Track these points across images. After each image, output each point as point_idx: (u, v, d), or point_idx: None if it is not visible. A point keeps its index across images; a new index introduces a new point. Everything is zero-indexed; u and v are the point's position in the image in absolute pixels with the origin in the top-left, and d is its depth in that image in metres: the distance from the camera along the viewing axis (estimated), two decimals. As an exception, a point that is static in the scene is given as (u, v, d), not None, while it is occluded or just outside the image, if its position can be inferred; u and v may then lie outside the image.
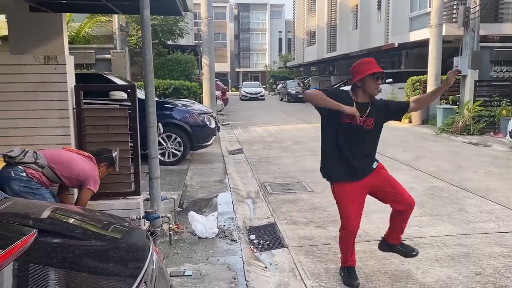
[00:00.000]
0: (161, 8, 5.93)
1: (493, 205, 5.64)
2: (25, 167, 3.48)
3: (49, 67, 4.28)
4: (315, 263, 3.98)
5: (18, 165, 3.48)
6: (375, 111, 3.38)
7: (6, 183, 3.41)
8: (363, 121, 3.34)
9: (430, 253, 4.13)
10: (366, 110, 3.34)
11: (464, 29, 13.00)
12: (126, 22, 15.25)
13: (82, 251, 1.76)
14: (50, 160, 3.60)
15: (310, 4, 38.92)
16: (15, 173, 3.43)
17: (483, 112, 12.48)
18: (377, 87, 3.33)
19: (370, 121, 3.36)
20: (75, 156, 3.74)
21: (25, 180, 3.44)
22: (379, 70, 3.28)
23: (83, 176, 3.65)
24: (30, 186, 3.44)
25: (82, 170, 3.66)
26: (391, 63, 24.22)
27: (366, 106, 3.35)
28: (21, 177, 3.43)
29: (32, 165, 3.51)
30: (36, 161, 3.53)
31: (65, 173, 3.62)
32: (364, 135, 3.38)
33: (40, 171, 3.53)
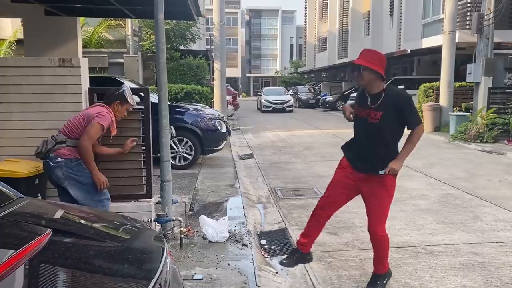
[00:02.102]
0: (175, 13, 5.98)
1: (508, 213, 5.54)
2: (54, 151, 3.64)
3: (64, 70, 4.33)
4: (327, 269, 3.93)
5: (49, 154, 3.65)
6: (385, 105, 3.25)
7: (52, 173, 3.66)
8: (367, 113, 3.31)
9: (444, 261, 4.06)
10: (371, 102, 3.30)
11: (478, 36, 12.87)
12: (139, 26, 15.39)
13: (96, 251, 1.75)
14: (65, 131, 3.74)
15: (322, 10, 38.94)
16: (53, 162, 3.63)
17: (497, 120, 12.31)
18: (355, 77, 3.37)
19: (376, 114, 3.25)
20: (81, 113, 3.81)
21: (64, 163, 3.63)
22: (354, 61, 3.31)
23: (88, 118, 3.67)
24: (71, 168, 3.64)
25: (87, 114, 3.71)
26: (403, 70, 24.10)
27: (372, 98, 3.31)
28: (59, 163, 3.63)
29: (56, 146, 3.65)
30: (56, 142, 3.67)
31: (79, 130, 3.70)
32: (370, 129, 3.30)
33: (65, 146, 3.67)
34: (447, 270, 3.86)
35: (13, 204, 2.04)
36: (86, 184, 3.68)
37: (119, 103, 3.91)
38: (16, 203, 2.07)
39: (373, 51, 3.42)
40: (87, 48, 13.58)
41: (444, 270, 3.88)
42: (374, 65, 3.23)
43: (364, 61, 3.24)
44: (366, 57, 3.27)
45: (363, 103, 3.39)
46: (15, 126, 4.33)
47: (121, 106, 3.93)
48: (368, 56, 3.28)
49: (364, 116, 3.34)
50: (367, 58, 3.26)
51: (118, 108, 3.92)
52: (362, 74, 3.27)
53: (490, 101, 12.71)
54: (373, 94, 3.31)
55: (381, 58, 3.34)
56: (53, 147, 3.65)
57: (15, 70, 4.30)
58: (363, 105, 3.38)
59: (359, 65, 3.26)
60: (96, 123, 3.63)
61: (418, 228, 5.00)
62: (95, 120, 3.64)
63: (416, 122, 3.30)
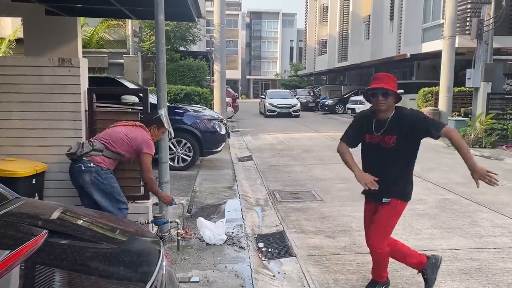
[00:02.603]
0: (175, 14, 5.97)
1: (505, 219, 5.53)
2: (89, 156, 3.75)
3: (64, 69, 4.31)
4: (324, 273, 3.92)
5: (83, 158, 3.74)
6: (397, 127, 3.18)
7: (80, 176, 3.74)
8: (379, 139, 3.23)
9: (441, 266, 4.05)
10: (383, 127, 3.22)
11: (477, 41, 12.90)
12: (139, 27, 15.40)
13: (92, 253, 1.74)
14: (104, 141, 3.83)
15: (322, 14, 39.02)
16: (84, 165, 3.73)
17: (496, 125, 12.33)
18: (377, 103, 3.17)
19: (390, 139, 3.19)
20: (122, 129, 3.92)
21: (95, 170, 3.74)
22: (374, 86, 3.15)
23: (135, 144, 3.86)
24: (100, 175, 3.75)
25: (132, 139, 3.86)
26: (402, 74, 24.13)
27: (384, 123, 3.23)
28: (90, 168, 3.73)
29: (92, 152, 3.76)
30: (94, 148, 3.77)
31: (120, 147, 3.84)
32: (384, 154, 3.22)
33: (101, 155, 3.79)
34: (445, 275, 3.86)
35: (9, 204, 2.03)
36: (109, 193, 3.82)
37: (155, 127, 4.13)
38: (12, 203, 2.06)
39: (389, 75, 3.33)
40: (87, 48, 13.58)
41: (441, 275, 3.86)
42: (396, 89, 3.18)
43: (389, 86, 3.15)
44: (387, 82, 3.18)
45: (370, 130, 3.29)
46: (14, 125, 4.31)
47: (157, 130, 4.15)
48: (389, 81, 3.20)
49: (377, 142, 3.25)
50: (389, 82, 3.18)
51: (155, 131, 4.14)
52: (387, 100, 3.16)
53: (489, 107, 12.72)
54: (383, 119, 3.23)
55: (396, 81, 3.30)
56: (89, 152, 3.75)
57: (15, 69, 4.28)
58: (370, 131, 3.29)
59: (378, 89, 3.14)
60: (147, 154, 3.86)
61: (415, 233, 4.99)
62: (145, 151, 3.84)
63: (440, 125, 3.15)
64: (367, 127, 3.33)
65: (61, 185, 4.35)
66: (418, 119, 3.19)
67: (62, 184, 4.33)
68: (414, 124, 3.17)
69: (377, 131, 3.26)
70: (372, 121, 3.30)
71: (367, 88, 3.22)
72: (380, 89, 3.15)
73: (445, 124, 3.26)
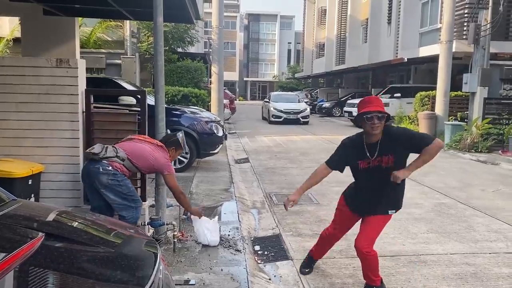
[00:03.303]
0: (174, 16, 5.96)
1: (501, 224, 5.56)
2: (110, 161, 3.78)
3: (61, 70, 4.31)
4: (320, 276, 3.93)
5: (103, 160, 3.77)
6: (389, 146, 3.22)
7: (96, 177, 3.75)
8: (379, 161, 3.25)
9: (437, 271, 4.07)
10: (376, 148, 3.25)
11: (474, 46, 12.96)
12: (137, 28, 15.38)
13: (89, 257, 1.74)
14: (128, 152, 3.88)
15: (320, 17, 39.08)
16: (103, 167, 3.75)
17: (492, 130, 12.39)
18: (372, 126, 3.16)
19: (388, 159, 3.22)
20: (147, 148, 3.97)
21: (112, 173, 3.77)
22: (370, 110, 3.14)
23: (157, 165, 3.97)
24: (116, 179, 3.78)
25: (155, 159, 3.95)
26: (399, 78, 24.20)
27: (376, 145, 3.26)
28: (108, 171, 3.75)
29: (115, 158, 3.81)
30: (117, 155, 3.81)
31: (142, 163, 3.94)
32: (386, 174, 3.24)
33: (121, 163, 3.84)
34: (440, 280, 3.87)
35: (5, 206, 2.02)
36: (125, 194, 3.84)
37: (174, 149, 4.23)
38: (8, 205, 2.05)
39: (378, 97, 3.42)
40: (85, 48, 13.54)
41: (437, 280, 3.88)
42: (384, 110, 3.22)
43: (382, 109, 3.17)
44: (380, 105, 3.20)
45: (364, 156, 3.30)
46: (10, 125, 4.30)
47: (175, 151, 4.26)
48: (380, 104, 3.23)
49: (376, 165, 3.26)
50: (381, 105, 3.22)
51: (173, 153, 4.25)
52: (381, 123, 3.17)
53: (485, 111, 12.78)
54: (375, 142, 3.25)
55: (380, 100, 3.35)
56: (112, 157, 3.80)
57: (12, 69, 4.27)
58: (365, 157, 3.30)
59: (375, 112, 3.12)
60: (170, 175, 4.02)
61: (411, 237, 5.00)
62: (167, 173, 4.00)
63: (430, 138, 3.22)
64: (358, 154, 3.33)
65: (58, 186, 4.34)
66: (408, 134, 3.31)
67: (59, 185, 4.32)
68: (407, 139, 3.24)
69: (372, 154, 3.27)
70: (363, 147, 3.30)
71: (363, 111, 3.18)
72: (377, 112, 3.14)
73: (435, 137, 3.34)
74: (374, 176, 3.31)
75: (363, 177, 3.39)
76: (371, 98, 3.34)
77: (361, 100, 3.35)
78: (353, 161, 3.37)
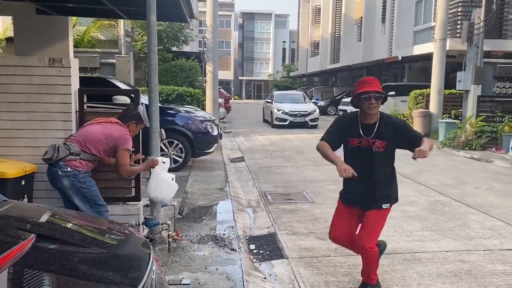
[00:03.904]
0: (167, 15, 5.94)
1: (495, 221, 5.58)
2: (65, 161, 3.66)
3: (54, 70, 4.27)
4: (315, 275, 3.93)
5: (59, 162, 3.66)
6: (385, 133, 3.23)
7: (58, 181, 3.68)
8: (371, 142, 3.25)
9: (432, 268, 4.08)
10: (373, 131, 3.25)
11: (468, 44, 13.01)
12: (131, 27, 15.31)
13: (81, 258, 1.72)
14: (80, 142, 3.74)
15: (315, 15, 39.11)
16: (61, 170, 3.65)
17: (486, 128, 12.45)
18: (370, 107, 3.18)
19: (381, 143, 3.23)
20: (99, 129, 3.82)
21: (72, 174, 3.66)
22: (367, 90, 3.15)
23: (112, 142, 3.77)
24: (78, 179, 3.68)
25: (109, 136, 3.77)
26: (394, 76, 24.26)
27: (372, 127, 3.26)
28: (67, 173, 3.65)
29: (69, 156, 3.67)
30: (70, 152, 3.68)
31: (97, 147, 3.75)
32: (374, 158, 3.25)
33: (78, 158, 3.70)
34: (435, 278, 3.88)
35: (-4, 207, 2.00)
36: (88, 197, 3.76)
37: (134, 123, 4.05)
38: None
39: (376, 78, 3.38)
40: (79, 47, 13.46)
41: (432, 277, 3.89)
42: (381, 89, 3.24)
43: (380, 89, 3.19)
44: (377, 85, 3.22)
45: (357, 134, 3.30)
46: (2, 125, 4.26)
47: (136, 126, 4.08)
48: (378, 84, 3.24)
49: (367, 146, 3.26)
50: (378, 85, 3.23)
51: (133, 127, 4.06)
52: (379, 103, 3.19)
53: (479, 109, 12.85)
54: (371, 123, 3.27)
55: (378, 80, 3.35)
56: (66, 156, 3.67)
57: (4, 69, 4.23)
58: (358, 135, 3.30)
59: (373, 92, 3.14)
60: (124, 150, 3.77)
61: (406, 235, 5.02)
62: (123, 147, 3.76)
63: (421, 135, 3.26)
64: (353, 131, 3.33)
65: (51, 186, 4.29)
66: (405, 127, 3.32)
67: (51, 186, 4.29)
68: (402, 130, 3.27)
69: (367, 135, 3.27)
70: (358, 125, 3.31)
71: (361, 91, 3.19)
72: (374, 92, 3.17)
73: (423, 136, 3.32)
74: (362, 157, 3.28)
75: (354, 158, 3.32)
76: (368, 78, 3.33)
77: (359, 80, 3.34)
78: (345, 138, 3.37)
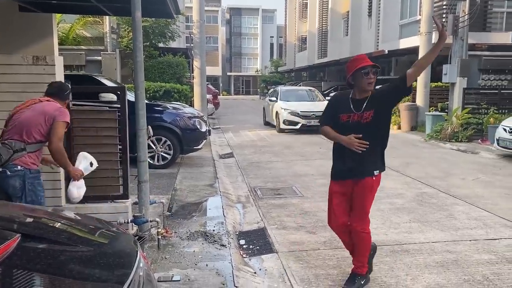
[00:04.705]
0: (153, 11, 5.88)
1: (481, 212, 5.68)
2: (13, 160, 3.39)
3: (38, 68, 4.22)
4: (305, 268, 3.96)
5: (7, 163, 3.38)
6: (374, 102, 3.30)
7: (8, 183, 3.39)
8: (359, 116, 3.31)
9: (419, 259, 4.14)
10: (363, 105, 3.32)
11: (453, 37, 13.15)
12: (117, 24, 15.15)
13: (67, 256, 1.71)
14: (21, 136, 3.45)
15: (302, 10, 39.12)
16: (11, 170, 3.38)
17: (471, 120, 12.62)
18: (369, 81, 3.26)
19: (368, 114, 3.29)
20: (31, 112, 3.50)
21: (22, 173, 3.41)
22: (367, 64, 3.23)
23: (48, 118, 3.47)
24: (28, 177, 3.42)
25: (43, 114, 3.48)
26: (381, 70, 24.34)
27: (363, 102, 3.34)
28: (18, 172, 3.40)
29: (14, 155, 3.40)
30: (14, 150, 3.41)
31: (41, 131, 3.47)
32: (362, 130, 3.31)
33: (25, 153, 3.44)
34: (422, 268, 3.94)
35: (-19, 207, 1.98)
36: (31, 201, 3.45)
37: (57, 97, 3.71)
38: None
39: (364, 55, 3.44)
40: (64, 45, 13.29)
41: (419, 268, 3.95)
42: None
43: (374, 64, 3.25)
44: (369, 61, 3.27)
45: (347, 109, 3.37)
46: (-14, 125, 4.19)
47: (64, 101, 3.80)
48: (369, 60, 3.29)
49: (356, 120, 3.32)
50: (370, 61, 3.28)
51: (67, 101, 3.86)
52: (375, 78, 3.26)
53: (465, 101, 13.01)
54: (362, 98, 3.34)
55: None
56: (11, 156, 3.37)
57: (-14, 67, 4.17)
58: (348, 111, 3.36)
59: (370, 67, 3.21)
60: (62, 122, 3.49)
61: (394, 227, 5.08)
62: (59, 119, 3.48)
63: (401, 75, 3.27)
64: (343, 107, 3.41)
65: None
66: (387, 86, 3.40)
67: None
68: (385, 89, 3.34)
69: (357, 109, 3.34)
70: (349, 101, 3.39)
71: (360, 67, 3.23)
72: (372, 66, 3.24)
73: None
74: (351, 131, 3.33)
75: (340, 133, 3.38)
76: (360, 56, 3.39)
77: (352, 59, 3.39)
78: (337, 115, 3.43)
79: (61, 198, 4.33)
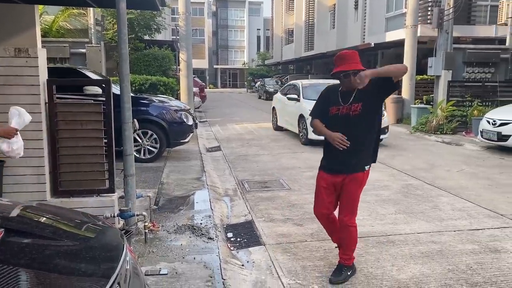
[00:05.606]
0: (138, 2, 5.81)
1: (465, 203, 5.77)
2: None
3: (20, 60, 4.14)
4: (292, 260, 3.98)
5: None
6: (361, 95, 3.32)
7: None
8: (348, 109, 3.34)
9: (404, 250, 4.20)
10: (351, 97, 3.35)
11: (438, 30, 13.27)
12: (102, 16, 14.92)
13: (53, 251, 1.69)
14: None
15: (288, 3, 39.05)
16: None
17: (456, 112, 12.78)
18: (352, 83, 3.26)
19: (357, 106, 3.32)
20: None
21: None
22: (342, 70, 3.28)
23: None
24: None
25: None
26: (367, 63, 24.51)
27: (350, 94, 3.36)
28: None
29: None
30: None
31: None
32: (352, 122, 3.34)
33: None
34: (408, 259, 3.99)
35: (-38, 202, 1.94)
36: None
37: None
38: (-34, 201, 1.97)
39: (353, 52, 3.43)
40: (47, 37, 13.05)
41: (405, 259, 4.00)
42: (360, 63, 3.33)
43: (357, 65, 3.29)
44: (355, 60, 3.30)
45: (336, 102, 3.40)
46: (-33, 119, 4.11)
47: None
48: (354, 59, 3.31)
49: (345, 113, 3.35)
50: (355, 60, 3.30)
51: None
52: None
53: (450, 94, 13.16)
54: (350, 90, 3.36)
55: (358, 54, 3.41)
56: None
57: (-34, 60, 4.07)
58: (337, 103, 3.40)
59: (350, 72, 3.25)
60: None
61: (380, 218, 5.13)
62: None
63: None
64: (333, 100, 3.45)
65: (21, 180, 4.20)
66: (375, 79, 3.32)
67: (22, 179, 4.18)
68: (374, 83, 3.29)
69: (345, 102, 3.37)
70: (337, 94, 3.44)
71: (338, 71, 3.30)
72: (351, 71, 3.26)
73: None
74: (341, 124, 3.36)
75: (333, 126, 3.42)
76: (346, 55, 3.36)
77: (337, 56, 3.39)
78: (327, 108, 3.47)
79: (46, 193, 4.27)
